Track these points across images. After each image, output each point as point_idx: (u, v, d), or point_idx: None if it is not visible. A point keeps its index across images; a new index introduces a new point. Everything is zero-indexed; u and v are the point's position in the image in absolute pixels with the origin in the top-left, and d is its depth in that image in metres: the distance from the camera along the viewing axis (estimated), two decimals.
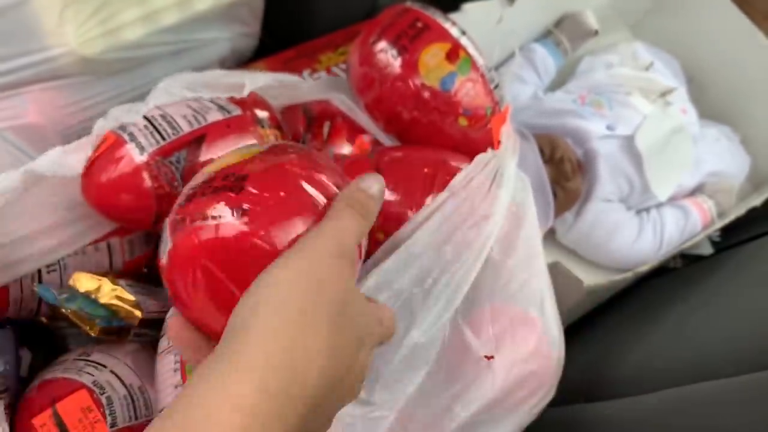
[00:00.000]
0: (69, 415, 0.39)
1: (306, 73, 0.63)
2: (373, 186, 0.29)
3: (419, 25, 0.46)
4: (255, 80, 0.47)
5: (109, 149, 0.41)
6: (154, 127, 0.41)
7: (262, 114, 0.45)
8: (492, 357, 0.43)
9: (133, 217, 0.42)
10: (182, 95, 0.45)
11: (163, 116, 0.42)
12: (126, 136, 0.41)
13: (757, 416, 0.42)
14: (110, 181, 0.41)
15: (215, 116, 0.43)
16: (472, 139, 0.47)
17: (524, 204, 0.45)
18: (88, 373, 0.41)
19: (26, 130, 0.53)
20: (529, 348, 0.45)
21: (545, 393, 0.46)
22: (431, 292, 0.39)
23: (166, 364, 0.41)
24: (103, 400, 0.40)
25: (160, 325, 0.44)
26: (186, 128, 0.41)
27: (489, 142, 0.43)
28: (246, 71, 0.52)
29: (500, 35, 0.73)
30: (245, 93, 0.45)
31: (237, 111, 0.44)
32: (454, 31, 0.46)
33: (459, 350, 0.43)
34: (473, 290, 0.41)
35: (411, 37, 0.46)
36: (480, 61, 0.46)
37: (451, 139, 0.47)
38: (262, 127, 0.44)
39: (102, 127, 0.43)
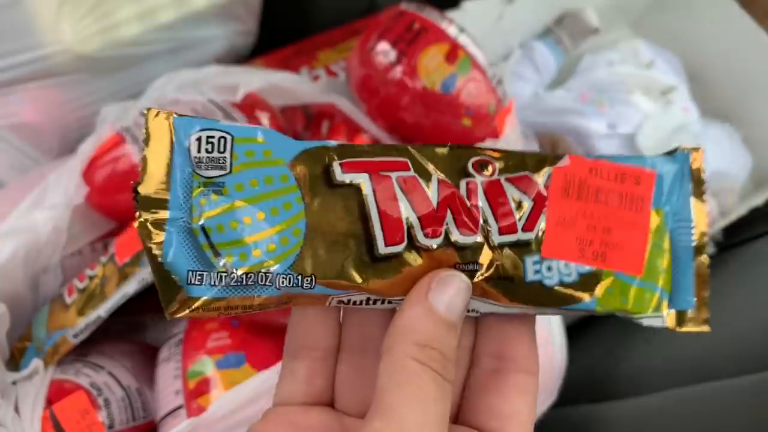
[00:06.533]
0: (66, 417, 0.38)
1: (304, 70, 0.63)
2: (444, 300, 0.19)
3: (416, 27, 0.45)
4: (252, 79, 0.47)
5: (109, 149, 0.41)
6: None
7: (266, 122, 0.45)
8: None
9: (132, 218, 0.42)
10: (180, 94, 0.45)
11: None
12: (128, 137, 0.41)
13: (759, 417, 0.42)
14: (109, 181, 0.40)
15: None
16: (477, 137, 0.47)
17: None
18: (86, 374, 0.41)
19: (23, 128, 0.53)
20: None
21: (548, 394, 0.46)
22: None
23: (168, 371, 0.41)
24: (101, 402, 0.40)
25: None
26: None
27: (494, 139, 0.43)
28: (244, 68, 0.52)
29: (500, 33, 0.73)
30: (238, 97, 0.45)
31: (243, 120, 0.44)
32: (451, 31, 0.46)
33: None
34: None
35: (408, 42, 0.45)
36: (480, 58, 0.46)
37: (454, 139, 0.47)
38: None
39: (103, 123, 0.43)
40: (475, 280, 0.20)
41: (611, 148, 0.72)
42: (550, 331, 0.46)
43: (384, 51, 0.45)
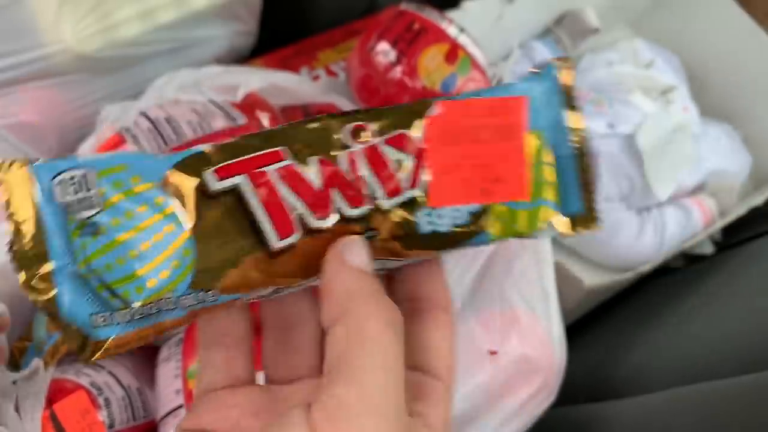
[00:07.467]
0: (67, 417, 0.39)
1: (304, 70, 0.63)
2: (360, 256, 0.19)
3: (416, 27, 0.45)
4: (252, 79, 0.47)
5: (109, 149, 0.41)
6: (158, 131, 0.41)
7: (266, 123, 0.45)
8: (496, 352, 0.43)
9: None
10: (180, 94, 0.45)
11: (167, 120, 0.42)
12: (129, 138, 0.41)
13: (758, 416, 0.42)
14: None
15: (220, 124, 0.43)
16: None
17: None
18: (86, 374, 0.41)
19: (23, 128, 0.53)
20: (533, 348, 0.45)
21: (547, 394, 0.46)
22: None
23: (168, 370, 0.41)
24: (101, 402, 0.40)
25: None
26: (190, 135, 0.41)
27: None
28: (244, 68, 0.52)
29: (500, 33, 0.73)
30: (238, 97, 0.45)
31: (242, 120, 0.44)
32: (451, 31, 0.46)
33: (464, 341, 0.43)
34: (483, 286, 0.41)
35: (408, 42, 0.45)
36: (480, 58, 0.46)
37: None
38: None
39: (103, 123, 0.43)
40: (375, 244, 0.20)
41: (611, 147, 0.72)
42: (550, 331, 0.47)
43: (384, 51, 0.46)
